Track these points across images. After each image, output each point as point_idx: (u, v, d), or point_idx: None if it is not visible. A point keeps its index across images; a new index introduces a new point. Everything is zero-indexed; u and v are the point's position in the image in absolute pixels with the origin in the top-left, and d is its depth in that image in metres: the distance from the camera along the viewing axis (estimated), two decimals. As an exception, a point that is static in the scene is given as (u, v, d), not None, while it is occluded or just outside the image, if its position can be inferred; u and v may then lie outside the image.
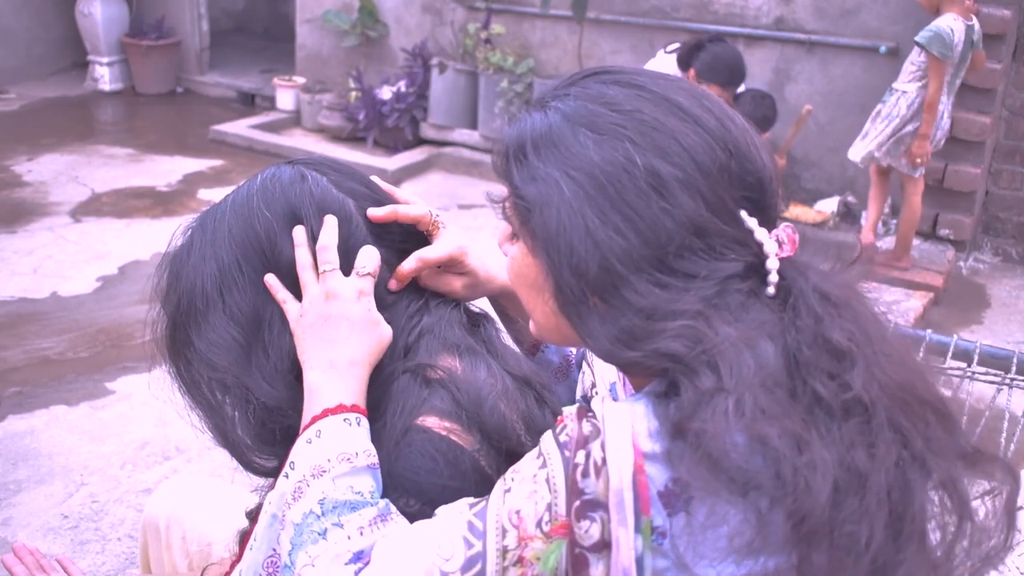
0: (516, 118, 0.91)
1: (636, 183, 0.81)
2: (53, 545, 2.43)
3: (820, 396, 0.78)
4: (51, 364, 3.35)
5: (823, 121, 5.14)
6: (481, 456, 0.95)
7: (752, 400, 0.75)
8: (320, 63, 6.68)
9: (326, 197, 1.04)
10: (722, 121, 0.85)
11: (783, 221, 0.88)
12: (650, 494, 0.76)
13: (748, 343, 0.78)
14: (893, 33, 4.85)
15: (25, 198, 4.99)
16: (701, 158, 0.82)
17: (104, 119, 6.76)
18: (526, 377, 1.06)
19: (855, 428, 0.78)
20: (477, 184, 5.62)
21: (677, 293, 0.80)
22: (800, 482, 0.74)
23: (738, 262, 0.82)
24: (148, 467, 2.76)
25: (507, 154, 0.89)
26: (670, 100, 0.85)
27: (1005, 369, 1.55)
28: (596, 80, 0.89)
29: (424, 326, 1.04)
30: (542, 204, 0.84)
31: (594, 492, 0.77)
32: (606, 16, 5.57)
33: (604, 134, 0.83)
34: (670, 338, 0.79)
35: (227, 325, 1.00)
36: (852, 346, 0.81)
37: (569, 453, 0.79)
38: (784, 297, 0.83)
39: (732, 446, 0.74)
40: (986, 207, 5.07)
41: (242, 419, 1.02)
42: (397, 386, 0.98)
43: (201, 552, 1.41)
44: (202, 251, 1.03)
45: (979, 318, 4.31)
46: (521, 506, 0.80)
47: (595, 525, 0.77)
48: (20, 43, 7.14)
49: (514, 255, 0.92)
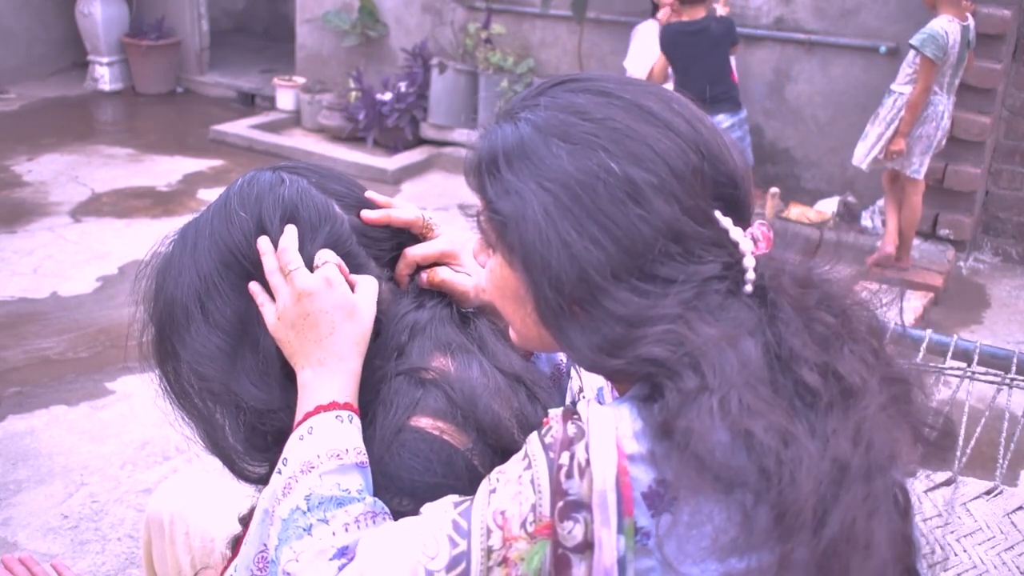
0: (486, 130, 0.90)
1: (611, 191, 0.81)
2: (53, 545, 2.43)
3: (805, 387, 0.79)
4: (51, 364, 3.35)
5: (823, 121, 5.14)
6: (474, 455, 0.95)
7: (737, 397, 0.76)
8: (320, 63, 6.68)
9: (307, 199, 1.04)
10: (692, 124, 0.85)
11: (758, 218, 0.88)
12: (634, 495, 0.76)
13: (730, 342, 0.78)
14: (893, 33, 4.85)
15: (25, 198, 4.99)
16: (675, 162, 0.82)
17: (104, 119, 6.76)
18: (517, 374, 1.06)
19: (838, 416, 0.79)
20: (477, 184, 5.61)
21: (656, 299, 0.81)
22: (785, 475, 0.74)
23: (715, 263, 0.83)
24: (148, 467, 2.76)
25: (479, 167, 0.89)
26: (641, 106, 0.85)
27: (1005, 369, 1.55)
28: (564, 89, 0.88)
29: (416, 324, 1.04)
30: (517, 218, 0.83)
31: (578, 493, 0.78)
32: (606, 16, 5.57)
33: (577, 143, 0.83)
34: (652, 344, 0.79)
35: (211, 333, 1.01)
36: (836, 334, 0.82)
37: (554, 454, 0.80)
38: (762, 293, 0.84)
39: (717, 444, 0.75)
40: (986, 207, 5.07)
41: (232, 426, 1.02)
42: (391, 387, 0.98)
43: (204, 548, 1.41)
44: (181, 262, 1.03)
45: (979, 318, 4.31)
46: (506, 507, 0.80)
47: (578, 526, 0.77)
48: (20, 43, 7.14)
49: (491, 267, 0.92)
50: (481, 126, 1.02)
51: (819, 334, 0.82)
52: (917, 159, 4.24)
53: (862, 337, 0.85)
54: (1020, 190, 5.01)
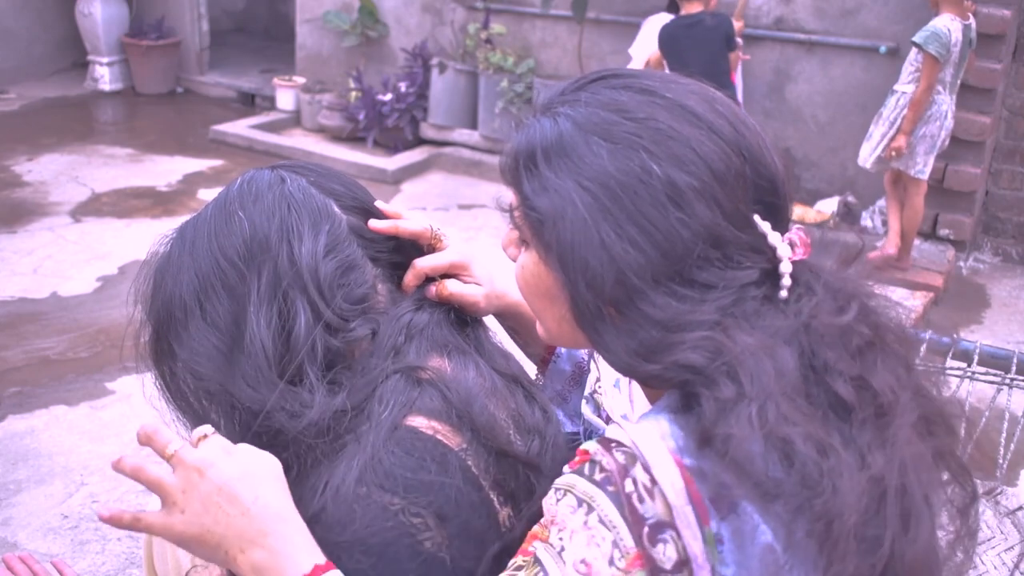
0: (524, 124, 0.88)
1: (653, 193, 0.80)
2: (53, 545, 2.43)
3: (839, 399, 0.78)
4: (51, 364, 3.35)
5: (823, 121, 5.14)
6: (468, 456, 0.95)
7: (774, 407, 0.74)
8: (320, 63, 6.68)
9: (307, 199, 1.03)
10: (735, 125, 0.84)
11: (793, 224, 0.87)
12: (705, 503, 0.75)
13: (767, 351, 0.77)
14: (893, 33, 4.85)
15: (25, 198, 4.99)
16: (717, 166, 0.81)
17: (104, 119, 6.76)
18: (514, 375, 1.06)
19: (871, 430, 0.77)
20: (477, 184, 5.62)
21: (694, 304, 0.79)
22: (828, 485, 0.73)
23: (753, 269, 0.81)
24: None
25: (516, 162, 0.87)
26: (684, 106, 0.83)
27: (1005, 369, 1.55)
28: (605, 85, 0.86)
29: (415, 326, 1.04)
30: (555, 217, 0.82)
31: (655, 515, 0.76)
32: (606, 16, 5.57)
33: (618, 143, 0.81)
34: (689, 350, 0.78)
35: (208, 333, 1.00)
36: (870, 346, 0.81)
37: (613, 487, 0.77)
38: (798, 300, 0.82)
39: (756, 453, 0.74)
40: (986, 207, 5.07)
41: (228, 426, 1.01)
42: (387, 385, 0.98)
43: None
44: (180, 260, 1.03)
45: (979, 318, 4.31)
46: (584, 554, 0.77)
47: (669, 546, 0.75)
48: (20, 43, 7.14)
49: (524, 263, 0.90)
50: (515, 120, 1.00)
51: (854, 345, 0.81)
52: (921, 159, 4.24)
53: (893, 349, 0.83)
54: (1020, 190, 5.01)
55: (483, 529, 0.93)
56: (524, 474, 0.98)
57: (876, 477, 0.75)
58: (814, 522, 0.73)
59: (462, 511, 0.92)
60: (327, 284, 1.00)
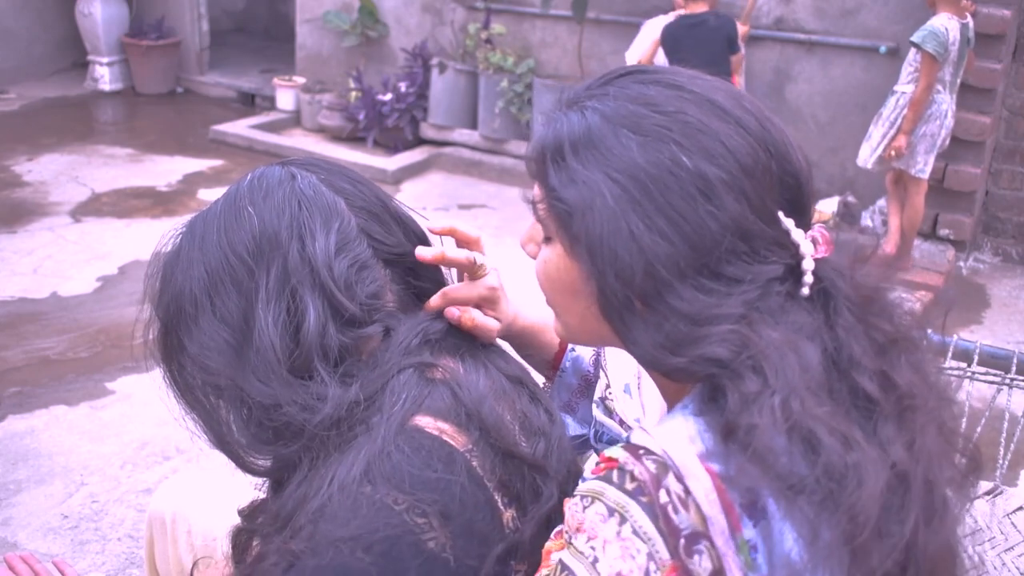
0: (550, 118, 0.88)
1: (682, 186, 0.80)
2: (53, 545, 2.43)
3: (862, 394, 0.78)
4: (51, 364, 3.35)
5: (823, 121, 5.14)
6: (473, 456, 0.95)
7: (799, 400, 0.75)
8: (320, 63, 6.68)
9: (318, 196, 1.03)
10: (761, 122, 0.84)
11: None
12: (736, 511, 0.75)
13: (791, 346, 0.77)
14: (893, 33, 4.85)
15: (25, 198, 4.99)
16: (745, 160, 0.81)
17: (104, 119, 6.76)
18: (519, 376, 1.06)
19: (893, 426, 0.78)
20: (477, 184, 5.62)
21: (721, 298, 0.79)
22: (852, 479, 0.73)
23: (778, 264, 0.81)
24: (148, 467, 2.76)
25: (543, 155, 0.87)
26: (712, 101, 0.84)
27: (1005, 369, 1.55)
28: (633, 80, 0.87)
29: (431, 331, 1.04)
30: (584, 208, 0.82)
31: (690, 525, 0.75)
32: (606, 16, 5.57)
33: (648, 135, 0.82)
34: (715, 343, 0.78)
35: (218, 327, 1.00)
36: (893, 343, 0.81)
37: (647, 497, 0.76)
38: (820, 297, 0.83)
39: (779, 445, 0.74)
40: (986, 207, 5.07)
41: (237, 420, 1.01)
42: (399, 379, 0.98)
43: (206, 547, 1.41)
44: (190, 255, 1.03)
45: (979, 318, 4.31)
46: (620, 567, 0.75)
47: (704, 557, 0.75)
48: (20, 43, 7.14)
49: (547, 257, 0.90)
50: (541, 114, 1.02)
51: (877, 342, 0.81)
52: (922, 158, 4.24)
53: (914, 347, 0.84)
54: (1020, 190, 5.01)
55: (487, 530, 0.93)
56: (529, 475, 0.98)
57: (900, 471, 0.76)
58: (838, 516, 0.73)
59: (466, 511, 0.92)
60: (343, 280, 1.00)
